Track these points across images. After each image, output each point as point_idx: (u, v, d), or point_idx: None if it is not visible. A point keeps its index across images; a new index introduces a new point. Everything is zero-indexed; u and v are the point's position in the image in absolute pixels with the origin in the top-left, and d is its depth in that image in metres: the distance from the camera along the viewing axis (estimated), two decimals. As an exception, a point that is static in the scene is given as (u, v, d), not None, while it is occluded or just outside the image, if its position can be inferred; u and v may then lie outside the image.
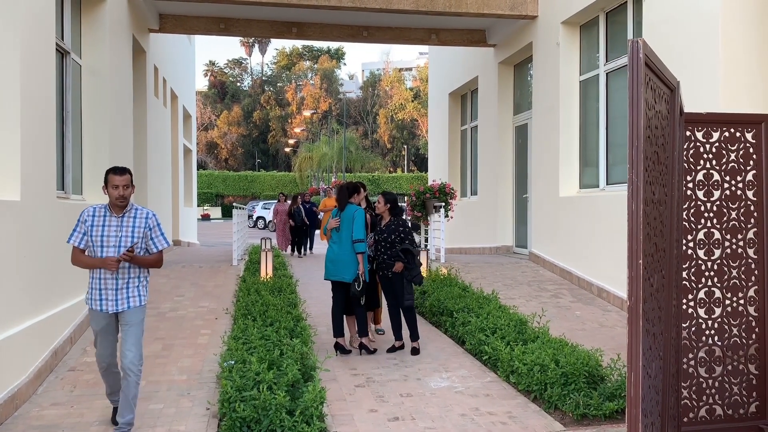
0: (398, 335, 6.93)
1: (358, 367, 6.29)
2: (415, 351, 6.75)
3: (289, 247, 15.95)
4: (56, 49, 6.88)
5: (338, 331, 6.78)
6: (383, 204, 6.91)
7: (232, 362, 5.20)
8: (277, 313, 6.91)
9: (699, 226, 4.28)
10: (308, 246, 16.20)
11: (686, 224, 4.25)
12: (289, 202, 16.56)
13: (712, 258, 4.29)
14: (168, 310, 8.00)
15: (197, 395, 5.32)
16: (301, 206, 16.03)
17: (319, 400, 4.64)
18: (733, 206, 4.31)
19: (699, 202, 4.28)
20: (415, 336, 6.82)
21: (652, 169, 3.21)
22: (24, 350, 5.30)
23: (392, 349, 6.87)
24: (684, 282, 4.23)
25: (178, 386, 5.53)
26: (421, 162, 63.24)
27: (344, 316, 6.90)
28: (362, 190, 7.14)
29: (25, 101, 5.52)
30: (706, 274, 4.29)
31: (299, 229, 15.85)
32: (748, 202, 4.33)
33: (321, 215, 15.02)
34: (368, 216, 7.13)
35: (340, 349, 6.72)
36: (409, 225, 7.13)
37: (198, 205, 26.76)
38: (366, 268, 6.68)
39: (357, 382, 5.84)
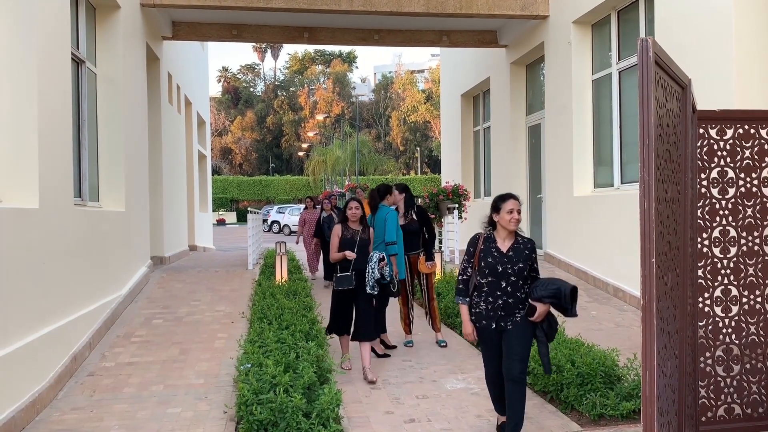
0: (502, 409, 4.49)
1: (373, 369, 6.30)
2: None
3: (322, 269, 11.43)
4: (72, 59, 6.98)
5: (379, 327, 6.79)
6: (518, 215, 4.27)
7: (249, 366, 5.23)
8: (293, 316, 6.94)
9: (714, 224, 4.25)
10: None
11: (701, 222, 4.22)
12: (318, 208, 12.31)
13: (728, 256, 4.26)
14: (185, 315, 8.07)
15: (214, 399, 5.36)
16: (333, 213, 11.37)
17: (336, 402, 4.65)
18: (749, 203, 4.27)
19: (714, 200, 4.25)
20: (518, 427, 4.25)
21: (664, 168, 3.20)
22: (44, 356, 5.38)
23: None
24: (700, 280, 4.21)
25: (196, 390, 5.58)
26: (434, 164, 63.23)
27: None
28: (396, 192, 7.09)
29: (43, 110, 5.61)
30: (722, 272, 4.25)
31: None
32: (764, 199, 4.29)
33: None
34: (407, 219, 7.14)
35: (383, 344, 6.79)
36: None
37: (213, 210, 26.94)
38: (402, 268, 6.73)
39: (373, 384, 5.85)
